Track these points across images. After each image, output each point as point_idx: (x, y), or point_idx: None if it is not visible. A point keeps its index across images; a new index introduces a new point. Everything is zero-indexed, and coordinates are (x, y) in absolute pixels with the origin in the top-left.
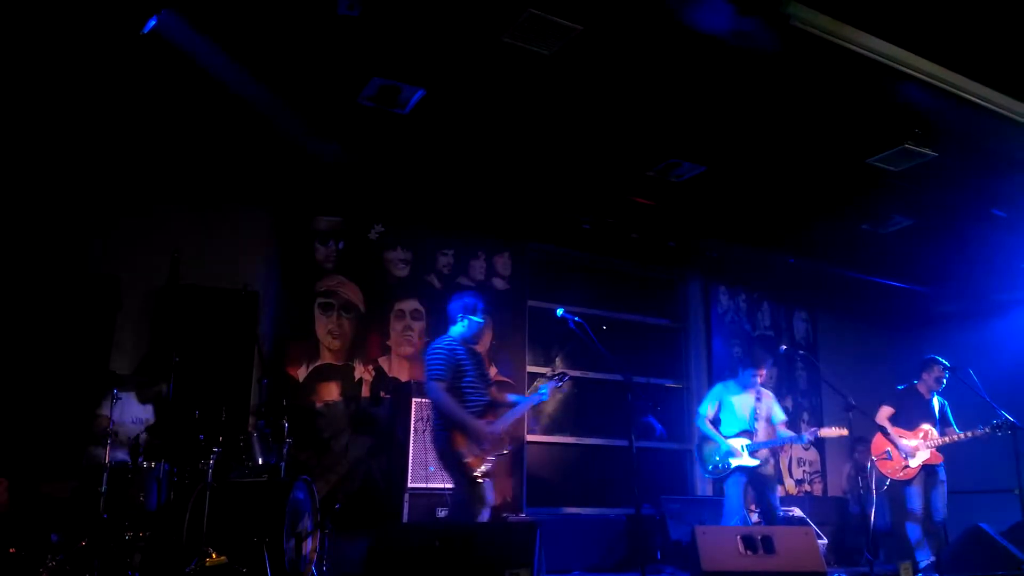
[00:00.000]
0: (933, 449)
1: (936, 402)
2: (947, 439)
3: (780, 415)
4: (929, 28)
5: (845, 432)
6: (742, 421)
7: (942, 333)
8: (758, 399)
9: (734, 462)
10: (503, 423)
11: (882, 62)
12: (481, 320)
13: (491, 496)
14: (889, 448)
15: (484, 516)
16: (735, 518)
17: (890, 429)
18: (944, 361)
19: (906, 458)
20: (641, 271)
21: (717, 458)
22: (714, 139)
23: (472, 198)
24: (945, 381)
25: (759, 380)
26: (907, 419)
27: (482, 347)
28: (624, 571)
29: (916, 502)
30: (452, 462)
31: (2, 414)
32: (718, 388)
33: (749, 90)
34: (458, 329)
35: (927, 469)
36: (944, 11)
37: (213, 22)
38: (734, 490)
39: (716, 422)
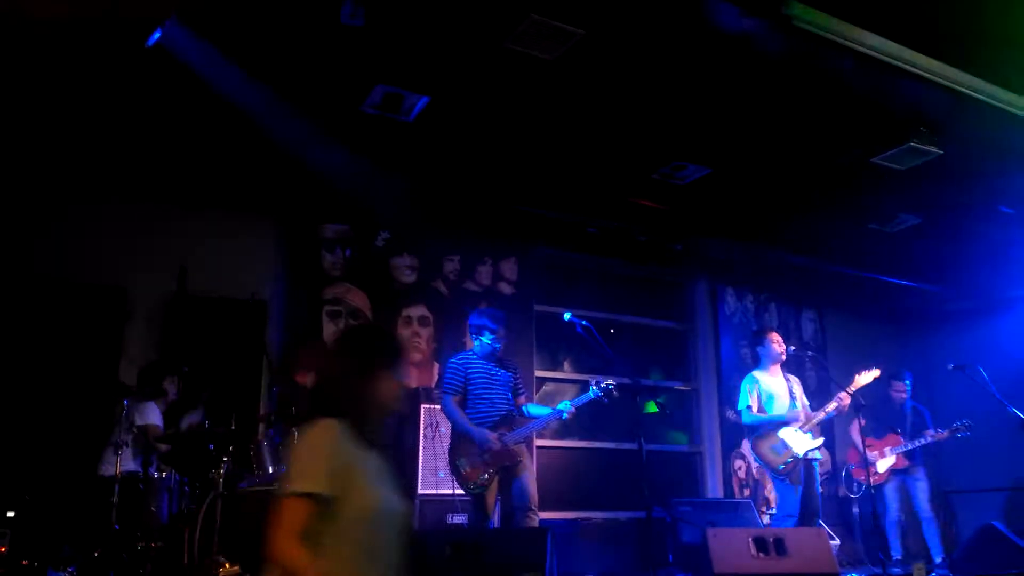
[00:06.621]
0: (899, 454)
1: (909, 408)
2: (912, 444)
3: (805, 399)
4: (932, 25)
5: (877, 373)
6: (786, 401)
7: (951, 331)
8: (787, 378)
9: (800, 449)
10: (515, 436)
11: (886, 60)
12: (489, 342)
13: (521, 496)
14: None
15: (492, 524)
16: (792, 519)
17: (859, 440)
18: (902, 373)
19: (872, 465)
20: (648, 273)
21: (784, 451)
22: (719, 140)
23: (478, 204)
24: (908, 391)
25: (779, 349)
26: (879, 429)
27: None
28: (636, 575)
29: (891, 504)
30: (452, 470)
31: (14, 425)
32: (749, 378)
33: (753, 91)
34: (475, 346)
35: (897, 473)
36: (947, 8)
37: (217, 33)
38: (792, 486)
39: (762, 413)
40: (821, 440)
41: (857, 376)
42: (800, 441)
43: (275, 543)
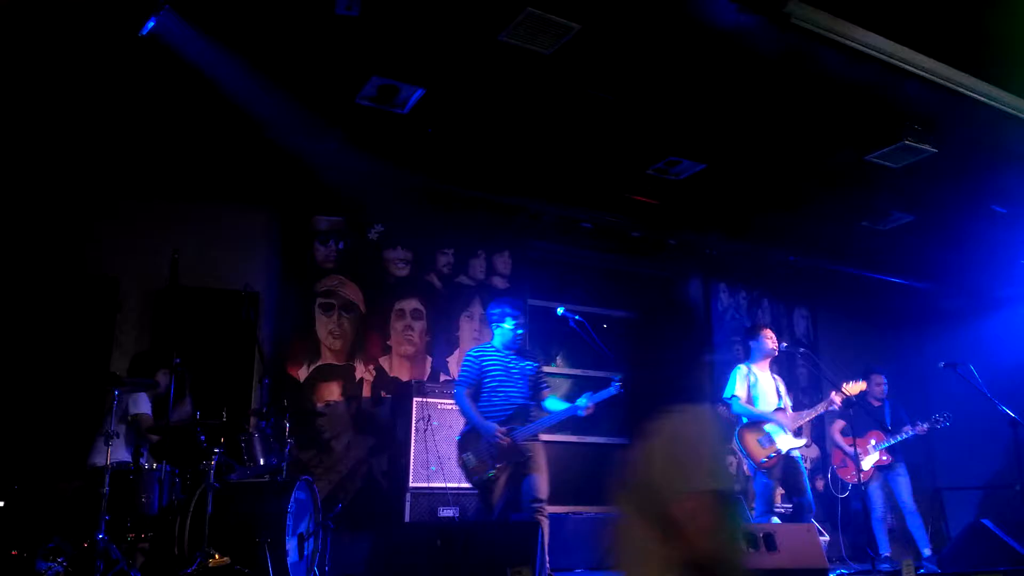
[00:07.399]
0: (882, 451)
1: (888, 406)
2: (894, 439)
3: (788, 399)
4: (927, 24)
5: (863, 386)
6: (773, 399)
7: (942, 329)
8: (774, 376)
9: (784, 446)
10: (526, 431)
11: (881, 58)
12: (512, 327)
13: (529, 492)
14: (844, 457)
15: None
16: (769, 514)
17: (842, 440)
18: (879, 370)
19: (857, 463)
20: (641, 269)
21: (769, 445)
22: (714, 136)
23: (472, 197)
24: (886, 388)
25: (772, 345)
26: (859, 428)
27: None
28: None
29: (876, 501)
30: (459, 463)
31: (4, 414)
32: (740, 368)
33: (748, 87)
34: (496, 336)
35: (881, 469)
36: (942, 6)
37: (211, 22)
38: (771, 481)
39: (750, 405)
40: (804, 441)
41: (845, 385)
42: (785, 438)
43: (704, 543)
